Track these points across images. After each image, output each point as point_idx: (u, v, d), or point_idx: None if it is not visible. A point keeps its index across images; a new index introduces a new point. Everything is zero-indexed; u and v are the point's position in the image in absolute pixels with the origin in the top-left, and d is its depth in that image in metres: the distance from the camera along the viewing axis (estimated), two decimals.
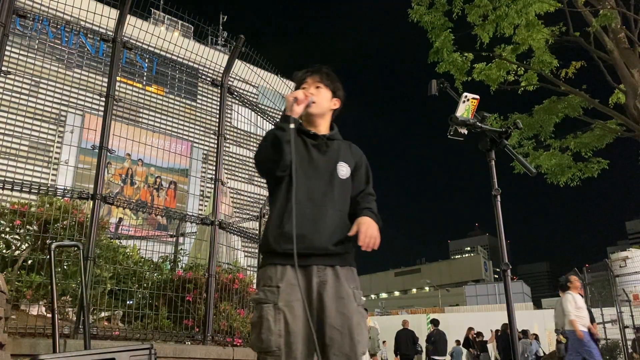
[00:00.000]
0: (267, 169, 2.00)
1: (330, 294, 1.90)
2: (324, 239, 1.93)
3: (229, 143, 5.73)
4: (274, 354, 1.81)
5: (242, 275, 5.27)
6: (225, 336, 4.55)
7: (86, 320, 3.26)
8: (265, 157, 1.96)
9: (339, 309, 1.88)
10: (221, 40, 17.32)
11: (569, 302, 7.03)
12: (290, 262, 1.87)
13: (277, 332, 1.82)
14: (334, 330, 1.86)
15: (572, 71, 9.64)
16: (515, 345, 1.91)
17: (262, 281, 1.93)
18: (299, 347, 1.83)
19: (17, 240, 4.23)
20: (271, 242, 1.93)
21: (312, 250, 1.91)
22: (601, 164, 9.73)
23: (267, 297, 1.88)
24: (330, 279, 1.92)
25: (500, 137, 2.10)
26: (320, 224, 1.95)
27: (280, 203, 1.97)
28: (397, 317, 24.33)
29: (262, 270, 1.97)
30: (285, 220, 1.92)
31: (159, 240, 7.22)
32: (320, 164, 2.04)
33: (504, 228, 2.02)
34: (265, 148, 1.95)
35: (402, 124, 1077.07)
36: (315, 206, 1.96)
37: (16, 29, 4.31)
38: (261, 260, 2.03)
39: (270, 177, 2.04)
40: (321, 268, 1.92)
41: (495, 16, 9.09)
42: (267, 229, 1.99)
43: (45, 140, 8.51)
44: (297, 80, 2.21)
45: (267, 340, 1.82)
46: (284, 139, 1.91)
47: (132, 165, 11.82)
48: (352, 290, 1.95)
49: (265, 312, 1.85)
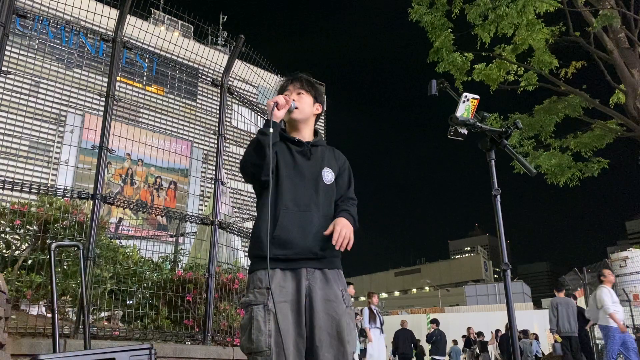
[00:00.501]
0: (250, 173, 2.03)
1: (319, 296, 1.95)
2: (312, 243, 1.98)
3: (229, 143, 5.73)
4: (264, 354, 1.83)
5: (242, 275, 5.27)
6: (225, 336, 4.55)
7: (86, 320, 3.26)
8: (248, 162, 2.01)
9: (327, 311, 1.93)
10: (221, 40, 17.33)
11: (605, 295, 6.95)
12: (279, 266, 1.94)
13: (267, 332, 1.85)
14: (323, 333, 1.90)
15: (572, 71, 9.65)
16: (516, 345, 1.91)
17: (252, 284, 1.97)
18: (290, 347, 1.85)
19: (17, 240, 4.23)
20: (260, 247, 1.96)
21: (301, 255, 1.97)
22: (601, 164, 9.73)
23: (256, 298, 1.91)
24: (319, 282, 1.97)
25: (500, 137, 2.10)
26: (307, 229, 2.00)
27: (267, 208, 1.99)
28: (397, 317, 24.31)
29: (251, 275, 2.00)
30: (279, 226, 1.97)
31: (159, 240, 7.22)
32: (305, 169, 2.10)
33: (504, 228, 2.02)
34: (249, 153, 2.01)
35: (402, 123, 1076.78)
36: (301, 211, 2.02)
37: (16, 29, 4.31)
38: (249, 265, 2.06)
39: (256, 182, 2.07)
40: (310, 271, 1.98)
41: (495, 16, 9.09)
42: (255, 234, 2.02)
43: (45, 140, 8.51)
44: (279, 89, 2.28)
45: (257, 340, 1.84)
46: (265, 142, 1.96)
47: (132, 165, 11.82)
48: (341, 292, 2.01)
49: (255, 313, 1.88)
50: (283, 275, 1.95)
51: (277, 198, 2.02)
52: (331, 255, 2.03)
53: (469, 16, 9.36)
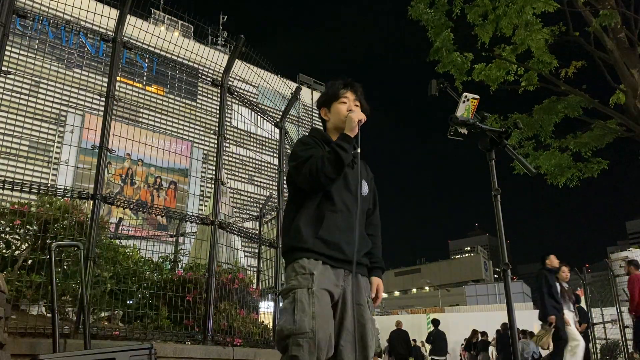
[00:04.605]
0: (320, 184, 2.06)
1: (351, 299, 2.03)
2: (352, 248, 2.05)
3: (229, 143, 5.73)
4: (307, 335, 1.84)
5: (242, 275, 5.27)
6: (225, 336, 4.55)
7: (86, 320, 3.26)
8: (322, 173, 2.02)
9: (356, 315, 2.02)
10: (221, 40, 17.32)
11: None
12: (322, 259, 2.01)
13: (311, 314, 1.88)
14: (349, 334, 1.98)
15: (572, 71, 9.63)
16: (516, 345, 1.91)
17: (294, 272, 2.00)
18: (328, 332, 1.90)
19: (17, 240, 4.23)
20: (306, 239, 2.01)
21: (345, 257, 2.04)
22: (601, 164, 9.71)
23: (300, 283, 1.95)
24: (352, 286, 2.05)
25: (500, 137, 2.10)
26: (350, 235, 2.07)
27: (312, 210, 2.07)
28: (397, 317, 24.32)
29: (292, 264, 2.03)
30: (323, 227, 2.03)
31: (159, 240, 7.22)
32: (349, 178, 2.18)
33: (504, 228, 2.02)
34: (325, 166, 2.03)
35: (402, 123, 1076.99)
36: (345, 217, 2.10)
37: (16, 29, 4.31)
38: (288, 255, 2.08)
39: (316, 190, 2.10)
40: (347, 274, 2.05)
41: (494, 16, 9.09)
42: (297, 230, 2.06)
43: (45, 140, 8.51)
44: (334, 92, 2.32)
45: (300, 321, 1.86)
46: (347, 160, 2.04)
47: (132, 165, 11.82)
48: (368, 298, 2.11)
49: (299, 295, 1.91)
50: (324, 268, 2.00)
51: (321, 201, 2.09)
52: (366, 263, 2.17)
53: (469, 16, 9.35)
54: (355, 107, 2.24)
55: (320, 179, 2.03)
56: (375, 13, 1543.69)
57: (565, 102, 9.65)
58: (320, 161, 2.04)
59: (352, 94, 2.29)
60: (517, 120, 9.71)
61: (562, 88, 9.66)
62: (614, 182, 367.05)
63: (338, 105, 2.29)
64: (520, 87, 9.98)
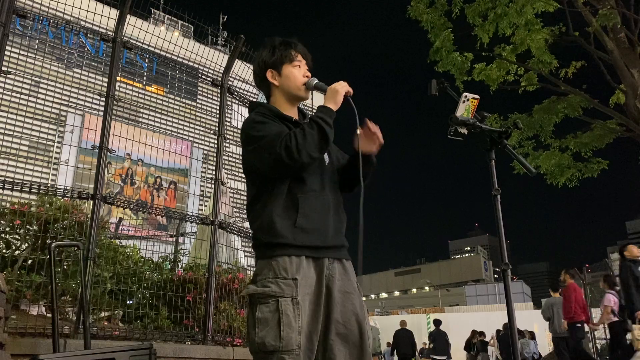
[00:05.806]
0: (302, 163, 1.77)
1: (338, 287, 1.83)
2: (333, 231, 1.87)
3: (229, 143, 5.72)
4: (293, 353, 1.66)
5: (242, 275, 5.27)
6: (225, 336, 4.55)
7: (86, 320, 3.26)
8: (305, 151, 1.75)
9: (345, 304, 1.83)
10: (221, 40, 17.31)
11: None
12: (304, 253, 1.79)
13: (298, 329, 1.68)
14: (339, 326, 1.80)
15: (572, 71, 9.63)
16: (515, 345, 1.91)
17: (272, 272, 1.75)
18: (314, 343, 1.74)
19: (17, 240, 4.23)
20: (284, 233, 1.77)
21: (327, 243, 1.84)
22: (601, 164, 9.72)
23: (283, 290, 1.71)
24: (338, 273, 1.86)
25: (500, 137, 2.10)
26: (326, 216, 1.86)
27: (283, 197, 1.81)
28: (397, 317, 24.32)
29: (269, 261, 1.78)
30: (300, 213, 1.79)
31: (159, 240, 7.22)
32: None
33: (504, 228, 2.02)
34: (310, 142, 1.76)
35: (402, 123, 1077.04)
36: (317, 196, 1.86)
37: (16, 29, 4.31)
38: (261, 250, 1.84)
39: (291, 171, 1.82)
40: (330, 261, 1.85)
41: (494, 15, 9.09)
42: (271, 222, 1.79)
43: (45, 140, 8.50)
44: (288, 53, 2.00)
45: (287, 338, 1.66)
46: (331, 136, 1.81)
47: (132, 165, 11.81)
48: (356, 283, 1.91)
49: (283, 307, 1.69)
50: (307, 265, 1.78)
51: (291, 184, 1.82)
52: (347, 244, 1.92)
53: (469, 16, 9.35)
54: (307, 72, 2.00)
55: (302, 158, 1.74)
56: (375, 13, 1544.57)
57: (565, 102, 9.66)
58: (300, 136, 1.75)
59: (303, 58, 2.01)
60: (517, 120, 9.70)
61: (562, 88, 9.66)
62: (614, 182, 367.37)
63: (292, 68, 1.98)
64: (520, 87, 9.98)
